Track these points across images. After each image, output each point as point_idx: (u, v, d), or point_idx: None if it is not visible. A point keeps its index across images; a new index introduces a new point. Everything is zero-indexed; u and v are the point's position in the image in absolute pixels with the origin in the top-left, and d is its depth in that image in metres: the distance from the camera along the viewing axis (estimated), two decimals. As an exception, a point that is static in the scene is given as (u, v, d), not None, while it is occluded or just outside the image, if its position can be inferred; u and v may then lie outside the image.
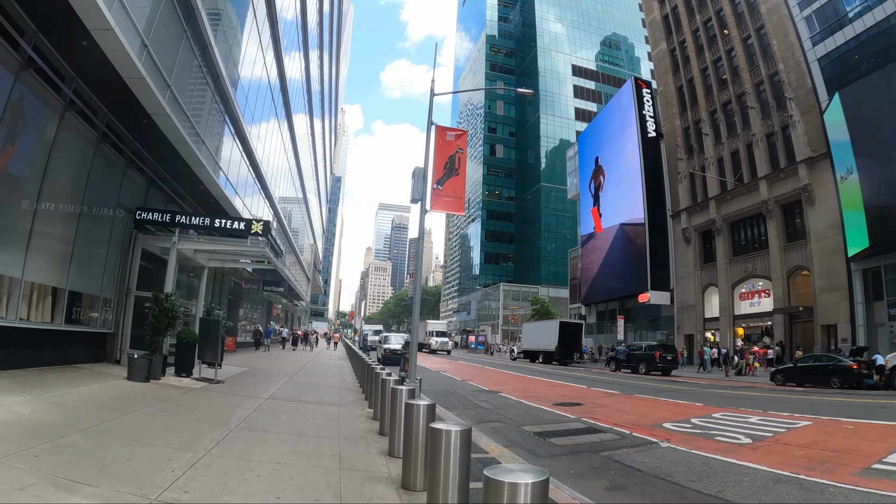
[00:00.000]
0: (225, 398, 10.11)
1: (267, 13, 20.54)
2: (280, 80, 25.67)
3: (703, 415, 11.78)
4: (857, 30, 27.38)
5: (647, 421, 11.03)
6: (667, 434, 9.48)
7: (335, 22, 54.60)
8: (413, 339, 12.05)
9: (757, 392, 17.90)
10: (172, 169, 14.60)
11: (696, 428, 10.15)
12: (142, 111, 10.75)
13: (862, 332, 25.38)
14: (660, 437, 9.12)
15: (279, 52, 24.01)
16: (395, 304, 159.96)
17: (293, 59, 28.87)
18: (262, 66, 21.41)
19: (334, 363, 25.74)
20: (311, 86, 38.37)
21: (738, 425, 10.38)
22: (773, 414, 11.95)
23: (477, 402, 13.69)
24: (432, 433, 3.95)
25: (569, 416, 11.57)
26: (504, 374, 25.50)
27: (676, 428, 10.14)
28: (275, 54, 23.38)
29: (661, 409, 13.19)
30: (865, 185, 24.24)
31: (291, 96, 29.28)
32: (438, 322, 64.33)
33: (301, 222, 48.19)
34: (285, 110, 29.01)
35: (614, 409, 12.86)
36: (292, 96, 29.59)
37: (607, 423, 10.54)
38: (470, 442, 3.96)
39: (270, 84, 23.46)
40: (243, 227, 13.09)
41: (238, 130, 18.27)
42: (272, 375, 15.63)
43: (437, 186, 12.52)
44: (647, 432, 9.64)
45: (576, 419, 11.10)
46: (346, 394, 12.61)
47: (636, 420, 11.16)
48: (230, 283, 27.43)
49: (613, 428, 10.05)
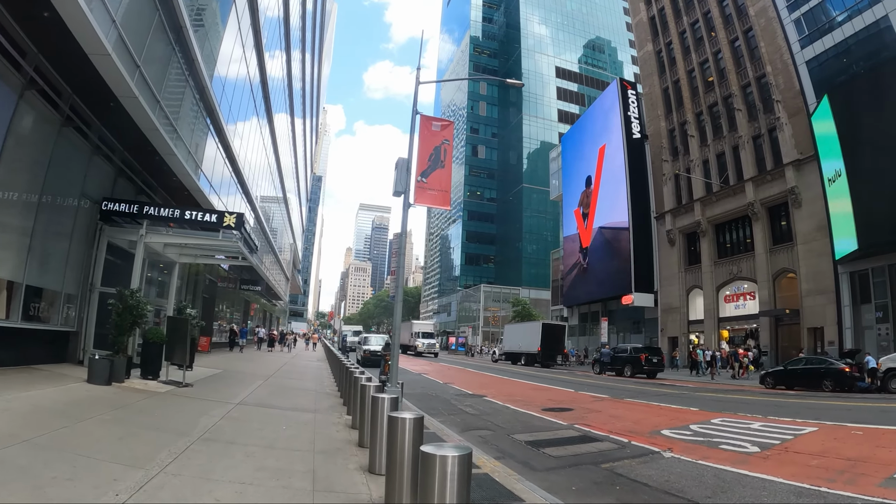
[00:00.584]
0: (191, 404, 9.24)
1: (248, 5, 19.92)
2: (260, 71, 24.78)
3: (701, 421, 11.24)
4: (846, 33, 27.36)
5: (643, 428, 10.46)
6: (668, 442, 8.93)
7: (318, 21, 54.05)
8: (394, 340, 11.25)
9: (749, 396, 17.50)
10: (143, 158, 13.65)
11: (697, 435, 9.61)
12: (108, 93, 9.93)
13: (849, 335, 25.28)
14: (661, 447, 8.55)
15: (259, 41, 23.08)
16: (374, 304, 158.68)
17: (274, 56, 28.41)
18: (241, 55, 20.47)
19: (312, 365, 24.83)
20: (293, 85, 37.87)
21: (740, 432, 9.90)
22: (774, 419, 11.46)
23: (461, 407, 13.01)
24: (423, 458, 3.19)
25: (560, 422, 10.93)
26: (487, 377, 24.85)
27: (676, 435, 9.60)
28: (255, 42, 22.45)
29: (655, 414, 12.64)
30: (855, 188, 24.11)
31: (272, 91, 28.57)
32: (425, 322, 59.81)
33: (280, 221, 47.26)
34: (265, 103, 28.18)
35: (607, 415, 12.28)
36: (273, 93, 28.94)
37: (602, 431, 9.95)
38: (470, 471, 3.19)
39: (250, 76, 22.59)
40: (215, 219, 12.21)
41: (214, 122, 17.39)
42: (246, 378, 14.72)
43: (421, 179, 11.80)
44: (647, 440, 9.09)
45: (568, 426, 10.47)
46: (323, 398, 11.80)
47: (632, 427, 10.58)
48: (205, 281, 26.35)
49: (610, 436, 9.46)
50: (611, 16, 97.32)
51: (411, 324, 51.79)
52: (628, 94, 42.07)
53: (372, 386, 6.91)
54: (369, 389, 6.76)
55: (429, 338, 48.11)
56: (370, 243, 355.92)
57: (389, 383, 10.64)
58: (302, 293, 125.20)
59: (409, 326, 50.09)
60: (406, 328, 49.05)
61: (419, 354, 45.66)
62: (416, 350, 45.89)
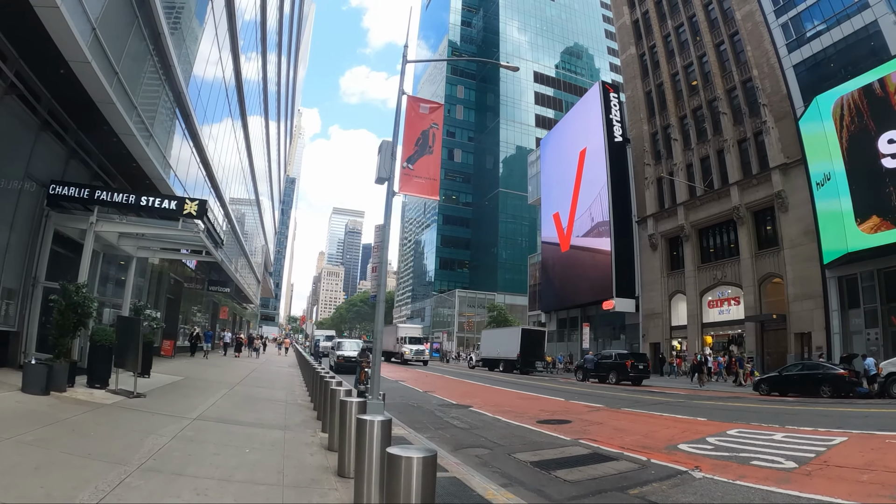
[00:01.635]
0: (139, 419, 7.77)
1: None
2: (235, 75, 24.12)
3: (716, 432, 10.24)
4: (834, 38, 27.16)
5: (656, 442, 9.41)
6: (691, 459, 7.91)
7: (295, 24, 53.28)
8: (377, 345, 9.85)
9: (749, 403, 16.65)
10: (99, 139, 12.05)
11: (719, 450, 8.63)
12: (59, 57, 8.54)
13: (837, 340, 24.88)
14: (687, 464, 7.52)
15: (235, 45, 22.56)
16: (347, 309, 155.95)
17: (250, 59, 27.90)
18: (218, 59, 19.79)
19: (283, 371, 23.23)
20: (269, 88, 37.34)
21: (765, 444, 8.98)
22: (794, 429, 10.60)
23: (448, 420, 11.75)
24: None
25: (562, 437, 9.77)
26: (469, 385, 23.58)
27: (697, 450, 8.61)
28: (231, 46, 21.89)
29: (662, 425, 11.58)
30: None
31: (247, 94, 28.02)
32: (412, 326, 53.40)
33: (252, 223, 45.73)
34: (239, 107, 27.62)
35: (610, 428, 11.19)
36: (247, 95, 28.37)
37: (613, 447, 8.84)
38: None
39: (225, 79, 21.89)
40: (174, 206, 10.69)
41: (187, 120, 16.16)
42: (209, 387, 13.18)
43: (407, 165, 10.51)
44: (668, 458, 8.03)
45: (573, 442, 9.32)
46: (294, 411, 10.42)
47: (643, 441, 9.51)
48: (170, 281, 24.54)
49: (624, 453, 8.36)
50: (590, 23, 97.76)
51: (396, 327, 46.84)
52: (610, 97, 41.57)
53: (354, 403, 5.60)
54: (351, 408, 5.49)
55: (417, 343, 42.95)
56: (343, 247, 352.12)
57: (370, 394, 9.30)
58: (274, 297, 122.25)
59: (394, 330, 45.25)
60: (390, 332, 44.58)
61: (406, 363, 40.52)
62: (403, 357, 40.81)
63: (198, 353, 24.86)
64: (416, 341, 43.22)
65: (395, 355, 41.90)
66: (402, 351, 41.02)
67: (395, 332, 44.57)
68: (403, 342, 41.97)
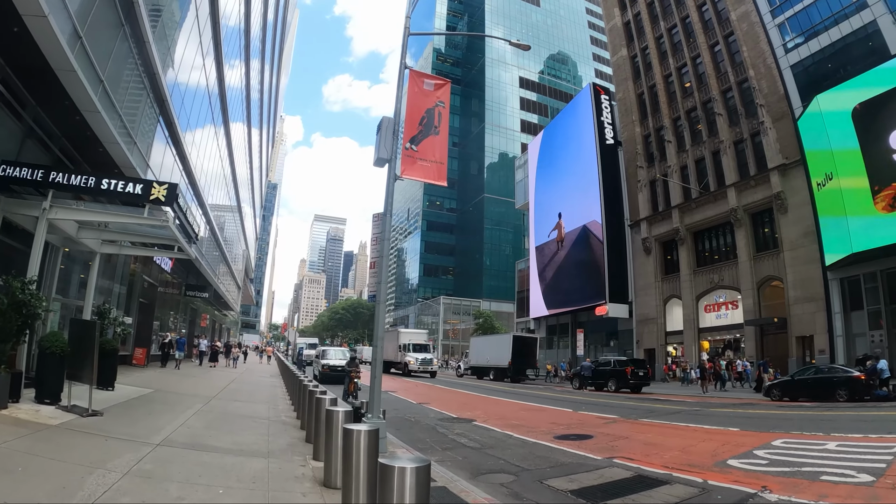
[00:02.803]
0: (89, 446, 6.27)
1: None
2: (219, 82, 23.41)
3: (760, 444, 9.17)
4: (832, 37, 26.66)
5: (701, 458, 8.24)
6: (752, 478, 6.84)
7: (278, 32, 52.81)
8: (377, 353, 8.40)
9: (771, 409, 15.59)
10: (61, 117, 10.50)
11: (775, 464, 7.56)
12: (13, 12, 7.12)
13: (840, 343, 24.16)
14: (752, 485, 6.45)
15: (219, 53, 21.93)
16: (329, 317, 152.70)
17: (234, 66, 27.55)
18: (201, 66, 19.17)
19: (264, 382, 21.58)
20: (251, 95, 36.83)
21: (823, 456, 8.05)
22: (843, 437, 9.70)
23: (453, 437, 10.42)
24: None
25: (591, 456, 8.52)
26: (464, 395, 22.22)
27: (751, 466, 7.51)
28: (215, 53, 21.26)
29: (696, 438, 10.39)
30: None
31: (230, 101, 27.32)
32: (416, 331, 46.17)
33: (233, 229, 44.09)
34: (222, 115, 26.93)
35: (640, 442, 9.95)
36: (230, 102, 27.63)
37: (655, 466, 7.66)
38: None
39: (209, 86, 21.24)
40: (140, 190, 9.13)
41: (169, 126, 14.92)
42: (181, 401, 11.60)
43: (410, 146, 9.25)
44: (724, 477, 6.90)
45: (606, 462, 8.06)
46: (278, 431, 8.95)
47: (686, 458, 8.33)
48: (143, 284, 22.71)
49: (672, 474, 7.17)
50: (575, 29, 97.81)
51: (398, 333, 40.35)
52: (601, 99, 40.75)
53: (364, 433, 4.22)
54: (360, 441, 4.14)
55: (423, 351, 37.35)
56: (325, 255, 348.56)
57: (370, 413, 7.89)
58: (255, 304, 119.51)
59: (395, 337, 39.27)
60: (390, 339, 38.75)
61: (410, 374, 35.33)
62: (407, 368, 35.51)
63: (170, 363, 22.82)
64: (422, 349, 37.81)
65: (397, 365, 37.21)
66: (405, 360, 35.90)
67: (397, 338, 38.67)
68: (407, 350, 36.92)
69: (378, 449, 4.18)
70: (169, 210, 9.94)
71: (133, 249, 12.77)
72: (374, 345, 8.41)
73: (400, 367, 36.45)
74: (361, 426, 4.22)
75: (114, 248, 11.93)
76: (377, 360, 8.30)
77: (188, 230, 12.03)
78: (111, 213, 10.05)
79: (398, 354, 36.86)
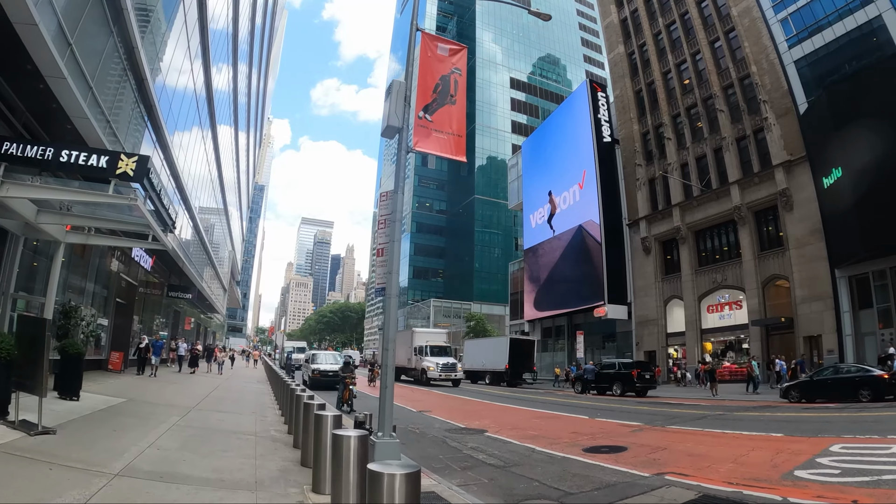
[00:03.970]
0: (23, 478, 4.99)
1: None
2: (206, 87, 23.15)
3: (818, 451, 8.16)
4: (836, 32, 26.18)
5: (763, 471, 7.19)
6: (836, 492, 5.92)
7: (266, 35, 52.50)
8: (388, 357, 7.06)
9: (801, 412, 14.58)
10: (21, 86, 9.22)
11: (849, 474, 6.63)
12: None
13: (850, 342, 23.47)
14: (841, 500, 5.59)
15: (207, 58, 21.65)
16: (316, 320, 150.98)
17: (221, 70, 27.57)
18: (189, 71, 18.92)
19: (250, 389, 20.21)
20: (238, 98, 36.65)
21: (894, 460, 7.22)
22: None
23: (469, 453, 9.21)
24: None
25: (638, 472, 7.42)
26: (465, 401, 20.96)
27: (825, 478, 6.54)
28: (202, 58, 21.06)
29: (743, 446, 9.29)
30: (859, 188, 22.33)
31: (217, 104, 27.14)
32: (434, 331, 39.72)
33: (220, 230, 42.80)
34: (210, 119, 26.43)
35: (683, 454, 8.85)
36: (218, 106, 27.41)
37: (717, 483, 6.58)
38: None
39: (196, 91, 21.08)
40: (105, 163, 7.85)
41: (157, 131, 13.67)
42: (154, 413, 10.25)
43: (423, 115, 8.05)
44: (804, 493, 5.95)
45: (658, 479, 7.00)
46: (268, 451, 7.67)
47: (745, 470, 7.32)
48: (120, 283, 21.22)
49: (742, 491, 6.12)
50: (566, 30, 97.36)
51: (412, 333, 33.73)
52: (598, 96, 39.92)
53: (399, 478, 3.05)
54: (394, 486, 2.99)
55: (444, 354, 31.29)
56: (312, 258, 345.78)
57: (380, 431, 6.67)
58: (241, 307, 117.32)
59: (408, 338, 32.91)
60: (402, 341, 32.38)
61: (429, 382, 29.45)
62: (426, 375, 29.56)
63: (147, 369, 20.39)
64: (443, 351, 31.59)
65: (410, 372, 31.56)
66: (422, 366, 30.07)
67: (411, 339, 32.53)
68: (423, 353, 30.83)
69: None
70: (138, 187, 8.65)
71: (102, 239, 11.38)
72: (384, 347, 7.07)
73: (414, 374, 31.10)
74: (394, 468, 3.08)
75: (80, 237, 10.61)
76: (388, 365, 7.07)
77: (163, 215, 10.74)
78: (71, 191, 8.71)
79: (412, 359, 31.39)
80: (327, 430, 5.21)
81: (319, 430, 5.49)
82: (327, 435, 5.11)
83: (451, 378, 29.77)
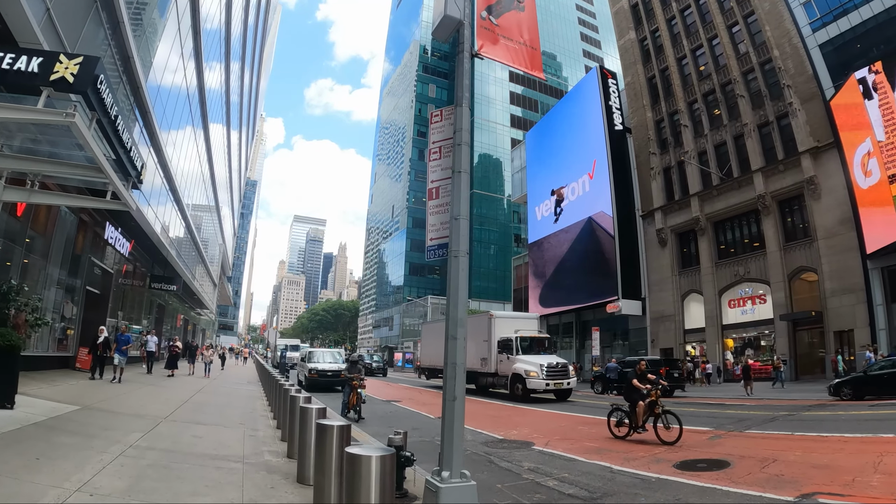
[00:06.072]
0: None
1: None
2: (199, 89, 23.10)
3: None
4: (863, 16, 25.20)
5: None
6: None
7: (259, 34, 52.04)
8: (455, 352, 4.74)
9: (872, 410, 13.47)
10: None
11: None
12: None
13: (884, 337, 22.46)
14: None
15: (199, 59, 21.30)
16: (309, 318, 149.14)
17: (213, 69, 27.30)
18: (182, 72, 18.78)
19: (240, 391, 17.98)
20: (231, 97, 36.23)
21: None
22: None
23: (531, 477, 7.33)
24: None
25: (779, 497, 6.01)
26: (483, 404, 18.47)
27: None
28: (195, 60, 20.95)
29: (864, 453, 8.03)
30: None
31: (209, 103, 26.90)
32: (522, 316, 28.00)
33: (210, 224, 41.34)
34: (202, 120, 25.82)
35: (802, 465, 7.46)
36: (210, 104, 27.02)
37: (870, 502, 5.41)
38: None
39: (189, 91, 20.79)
40: (37, 67, 6.05)
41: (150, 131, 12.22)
42: (110, 427, 8.00)
43: (487, 16, 6.26)
44: None
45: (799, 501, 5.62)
46: (262, 490, 5.47)
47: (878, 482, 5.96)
48: (92, 269, 18.95)
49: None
50: (565, 25, 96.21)
51: (490, 320, 22.11)
52: (609, 83, 38.62)
53: None
54: None
55: (543, 350, 20.93)
56: (304, 256, 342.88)
57: (444, 469, 4.50)
58: (233, 304, 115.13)
59: (486, 327, 22.06)
60: (477, 326, 22.40)
61: (528, 395, 19.34)
62: (525, 384, 19.15)
63: (109, 371, 16.22)
64: (541, 346, 21.17)
65: (493, 378, 21.51)
66: (513, 370, 19.86)
67: (490, 329, 21.86)
68: (511, 350, 20.43)
69: None
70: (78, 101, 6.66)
71: (47, 197, 9.16)
72: (449, 336, 4.76)
73: (496, 380, 21.37)
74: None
75: (20, 194, 8.22)
76: (456, 363, 4.66)
77: (123, 159, 8.56)
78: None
79: (490, 358, 21.53)
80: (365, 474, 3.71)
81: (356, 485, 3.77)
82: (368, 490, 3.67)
83: (562, 386, 19.61)
